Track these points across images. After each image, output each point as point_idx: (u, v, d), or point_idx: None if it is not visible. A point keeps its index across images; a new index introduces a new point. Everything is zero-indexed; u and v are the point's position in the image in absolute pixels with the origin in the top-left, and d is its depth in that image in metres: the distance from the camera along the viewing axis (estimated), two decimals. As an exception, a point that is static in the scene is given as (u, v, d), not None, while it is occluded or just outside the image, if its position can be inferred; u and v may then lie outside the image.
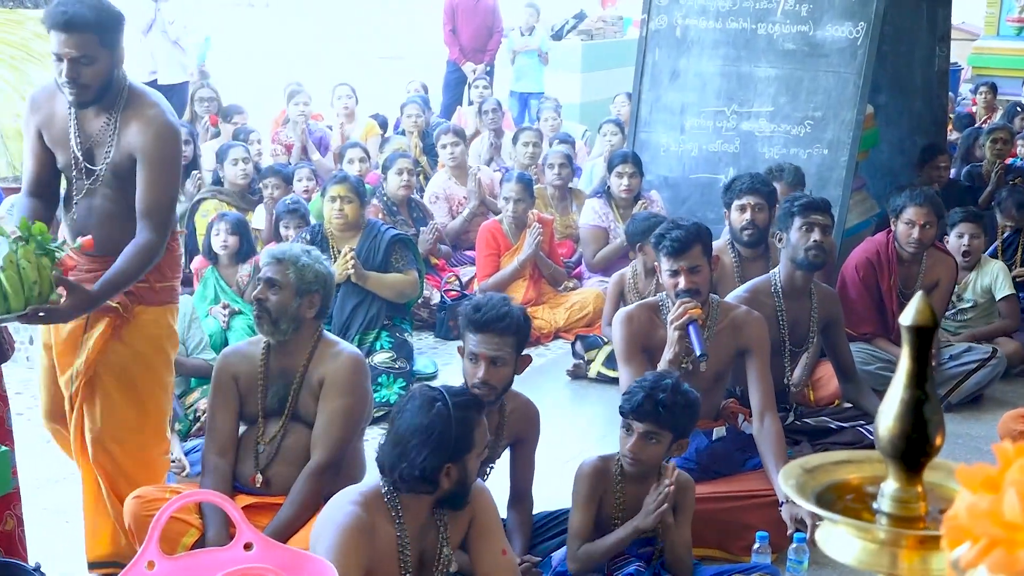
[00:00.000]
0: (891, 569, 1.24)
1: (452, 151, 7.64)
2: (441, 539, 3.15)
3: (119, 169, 3.56)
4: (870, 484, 1.34)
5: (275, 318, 3.75)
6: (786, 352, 4.67)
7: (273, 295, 3.76)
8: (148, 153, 3.51)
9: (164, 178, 3.56)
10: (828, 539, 1.29)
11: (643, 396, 3.51)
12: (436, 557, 3.14)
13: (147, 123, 3.53)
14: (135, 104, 3.56)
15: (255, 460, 3.76)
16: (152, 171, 3.52)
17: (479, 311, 3.64)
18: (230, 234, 5.74)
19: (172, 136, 3.60)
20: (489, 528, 3.19)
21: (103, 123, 3.54)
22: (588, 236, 6.94)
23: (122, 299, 3.61)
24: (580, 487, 3.65)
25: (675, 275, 4.14)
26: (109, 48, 3.46)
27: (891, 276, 5.55)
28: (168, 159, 3.57)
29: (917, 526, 1.26)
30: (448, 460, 3.02)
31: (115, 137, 3.54)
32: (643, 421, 3.52)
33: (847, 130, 6.51)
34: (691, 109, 6.94)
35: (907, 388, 1.26)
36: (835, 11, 6.54)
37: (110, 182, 3.58)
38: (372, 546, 2.99)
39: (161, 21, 9.36)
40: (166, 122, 3.58)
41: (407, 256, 5.95)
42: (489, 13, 11.23)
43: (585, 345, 6.01)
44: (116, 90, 3.53)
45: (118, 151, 3.54)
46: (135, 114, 3.54)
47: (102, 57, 3.44)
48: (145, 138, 3.51)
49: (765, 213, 5.19)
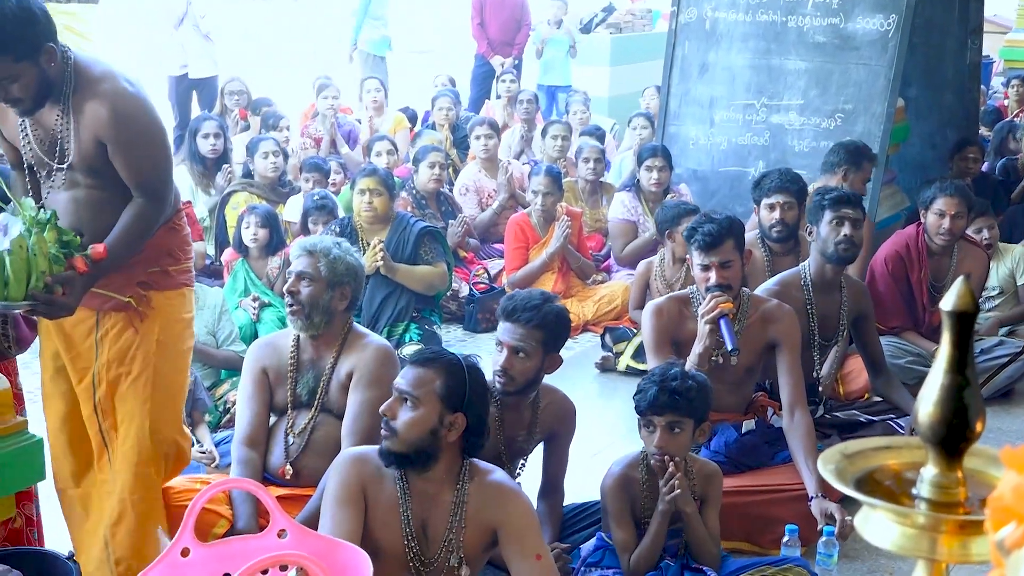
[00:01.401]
0: (930, 554, 1.24)
1: (486, 143, 7.64)
2: (452, 520, 3.06)
3: (90, 158, 3.24)
4: (909, 470, 1.34)
5: (308, 311, 3.74)
6: (815, 346, 4.66)
7: (305, 288, 3.76)
8: (114, 134, 3.20)
9: (141, 151, 3.27)
10: (867, 524, 1.29)
11: (657, 390, 3.49)
12: (440, 535, 3.06)
13: (100, 102, 3.18)
14: (84, 85, 3.20)
15: (285, 452, 3.78)
16: (126, 150, 3.23)
17: (512, 300, 3.65)
18: (260, 227, 5.77)
19: (134, 105, 3.25)
20: (522, 532, 3.06)
21: (56, 117, 3.22)
22: (617, 230, 6.95)
23: (135, 291, 3.37)
24: (611, 503, 3.63)
25: (706, 269, 4.13)
26: (29, 58, 3.06)
27: (921, 269, 5.53)
28: (139, 131, 3.25)
29: (956, 512, 1.26)
30: None
31: (72, 128, 3.21)
32: (663, 414, 3.50)
33: (878, 123, 6.50)
34: (720, 102, 6.95)
35: (947, 373, 1.26)
36: (866, 3, 6.53)
37: (86, 171, 3.27)
38: (374, 491, 3.00)
39: (192, 15, 9.44)
40: (121, 92, 3.22)
41: (436, 249, 5.97)
42: (517, 7, 11.22)
43: (614, 337, 6.01)
44: (60, 81, 3.18)
45: (80, 141, 3.22)
46: (86, 96, 3.20)
47: (25, 71, 3.07)
48: (104, 119, 3.18)
49: (795, 211, 5.20)
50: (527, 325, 3.59)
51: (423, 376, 3.00)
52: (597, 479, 3.74)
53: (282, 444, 3.79)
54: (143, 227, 3.29)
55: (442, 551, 3.06)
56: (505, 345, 3.60)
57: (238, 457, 3.74)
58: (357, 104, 9.37)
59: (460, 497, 3.06)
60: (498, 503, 3.07)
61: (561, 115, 9.99)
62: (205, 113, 8.23)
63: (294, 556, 2.14)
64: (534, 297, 3.66)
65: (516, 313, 3.60)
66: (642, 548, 3.53)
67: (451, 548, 3.05)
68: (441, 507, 3.06)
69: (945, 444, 1.27)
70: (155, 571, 2.32)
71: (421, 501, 3.05)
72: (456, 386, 3.00)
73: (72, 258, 3.05)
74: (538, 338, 3.60)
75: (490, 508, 3.06)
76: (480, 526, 3.07)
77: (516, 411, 3.73)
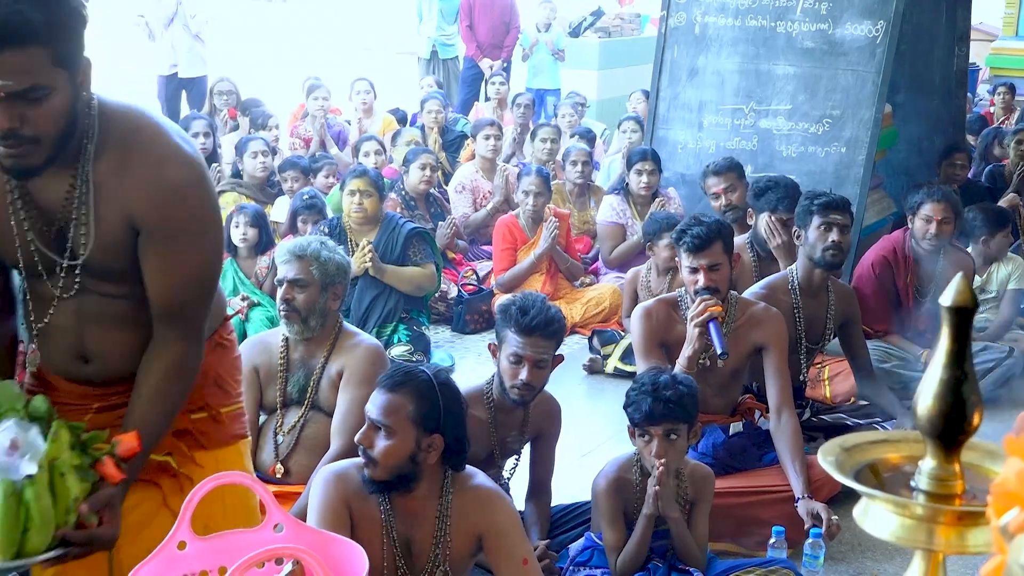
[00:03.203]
0: (928, 545, 1.26)
1: (494, 144, 7.69)
2: (438, 534, 3.03)
3: (115, 252, 2.22)
4: (907, 463, 1.36)
5: (305, 316, 3.76)
6: (802, 349, 4.68)
7: (299, 294, 3.77)
8: (156, 218, 2.19)
9: (189, 251, 2.26)
10: (866, 516, 1.31)
11: (651, 400, 3.48)
12: (426, 550, 3.03)
13: (140, 166, 2.17)
14: (114, 141, 2.17)
15: (275, 450, 3.80)
16: (167, 245, 2.23)
17: (527, 315, 3.60)
18: (249, 226, 5.79)
19: (189, 176, 2.21)
20: (507, 538, 3.06)
21: (67, 187, 2.16)
22: (605, 232, 6.98)
23: (173, 444, 2.42)
24: (603, 504, 3.63)
25: (695, 272, 4.14)
26: (68, 66, 2.04)
27: (907, 274, 5.56)
28: (193, 217, 2.24)
29: (954, 504, 1.28)
30: None
31: (92, 205, 2.17)
32: (659, 424, 3.49)
33: (865, 129, 6.52)
34: (709, 106, 6.97)
35: (946, 368, 1.28)
36: (855, 9, 6.55)
37: (105, 274, 2.25)
38: (357, 509, 2.97)
39: (183, 15, 9.45)
40: (173, 155, 2.20)
41: (425, 249, 5.99)
42: (506, 9, 11.27)
43: (602, 340, 6.05)
44: (82, 129, 2.14)
45: (103, 226, 2.18)
46: (118, 157, 2.17)
47: (58, 86, 2.03)
48: (145, 193, 2.17)
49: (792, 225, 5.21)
50: (550, 338, 3.62)
51: (394, 403, 2.90)
52: (586, 480, 3.76)
53: (272, 443, 3.81)
54: (183, 388, 2.33)
55: (429, 565, 3.05)
56: (528, 360, 3.60)
57: (227, 455, 3.75)
58: (347, 104, 9.39)
59: (444, 510, 3.03)
60: (481, 510, 3.06)
61: (550, 118, 10.03)
62: (194, 112, 8.25)
63: (293, 549, 2.14)
64: (541, 307, 3.65)
65: (538, 329, 3.59)
66: (628, 549, 3.54)
67: (437, 562, 3.04)
68: (426, 523, 3.03)
69: (943, 437, 1.29)
70: (152, 564, 2.31)
71: (405, 518, 3.02)
72: (430, 408, 2.92)
73: (99, 463, 2.12)
74: (554, 346, 3.66)
75: (474, 515, 3.05)
76: (465, 535, 3.06)
77: (509, 412, 3.75)
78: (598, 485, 3.65)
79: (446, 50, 11.40)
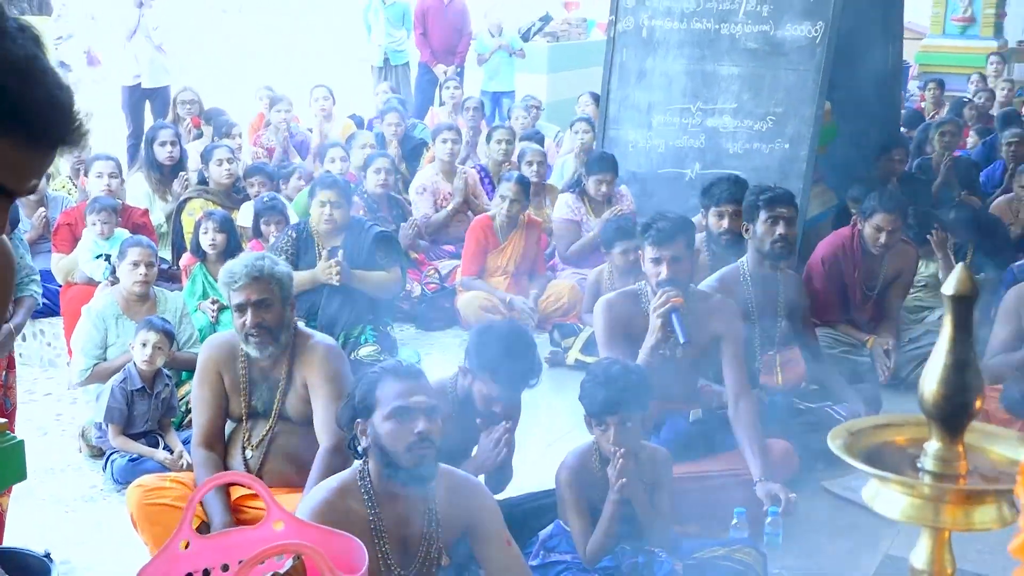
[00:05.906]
0: (935, 522, 1.32)
1: (452, 148, 7.82)
2: (429, 528, 3.12)
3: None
4: (911, 446, 1.41)
5: (276, 334, 3.79)
6: (756, 336, 4.82)
7: (266, 314, 3.78)
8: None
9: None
10: (875, 497, 1.36)
11: (604, 392, 3.59)
12: (421, 544, 3.11)
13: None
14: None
15: (244, 465, 3.79)
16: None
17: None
18: (218, 231, 5.89)
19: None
20: (489, 522, 3.20)
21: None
22: (561, 229, 7.16)
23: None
24: (566, 495, 3.71)
25: (658, 263, 4.24)
26: None
27: (856, 270, 5.69)
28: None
29: (959, 483, 1.33)
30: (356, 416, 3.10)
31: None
32: (615, 413, 3.59)
33: (807, 125, 6.68)
34: (658, 107, 7.11)
35: (949, 353, 1.33)
36: (795, 11, 6.71)
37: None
38: (345, 529, 2.94)
39: (145, 27, 9.50)
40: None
41: (391, 254, 6.07)
42: (458, 16, 11.40)
43: (562, 333, 6.23)
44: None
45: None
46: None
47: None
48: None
49: (740, 219, 5.27)
50: None
51: (426, 384, 3.13)
52: (552, 468, 3.84)
53: (240, 457, 3.82)
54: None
55: (421, 553, 3.13)
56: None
57: (198, 460, 3.79)
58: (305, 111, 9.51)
59: (430, 504, 3.12)
60: (465, 501, 3.19)
61: (504, 120, 10.19)
62: (161, 122, 8.29)
63: (298, 545, 2.19)
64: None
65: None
66: (596, 536, 3.63)
67: (431, 557, 3.14)
68: (414, 524, 3.11)
69: (947, 420, 1.33)
70: (156, 563, 2.40)
71: (394, 518, 3.09)
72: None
73: None
74: None
75: (459, 507, 3.17)
76: (451, 525, 3.18)
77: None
78: (560, 476, 3.73)
79: (397, 56, 11.51)
